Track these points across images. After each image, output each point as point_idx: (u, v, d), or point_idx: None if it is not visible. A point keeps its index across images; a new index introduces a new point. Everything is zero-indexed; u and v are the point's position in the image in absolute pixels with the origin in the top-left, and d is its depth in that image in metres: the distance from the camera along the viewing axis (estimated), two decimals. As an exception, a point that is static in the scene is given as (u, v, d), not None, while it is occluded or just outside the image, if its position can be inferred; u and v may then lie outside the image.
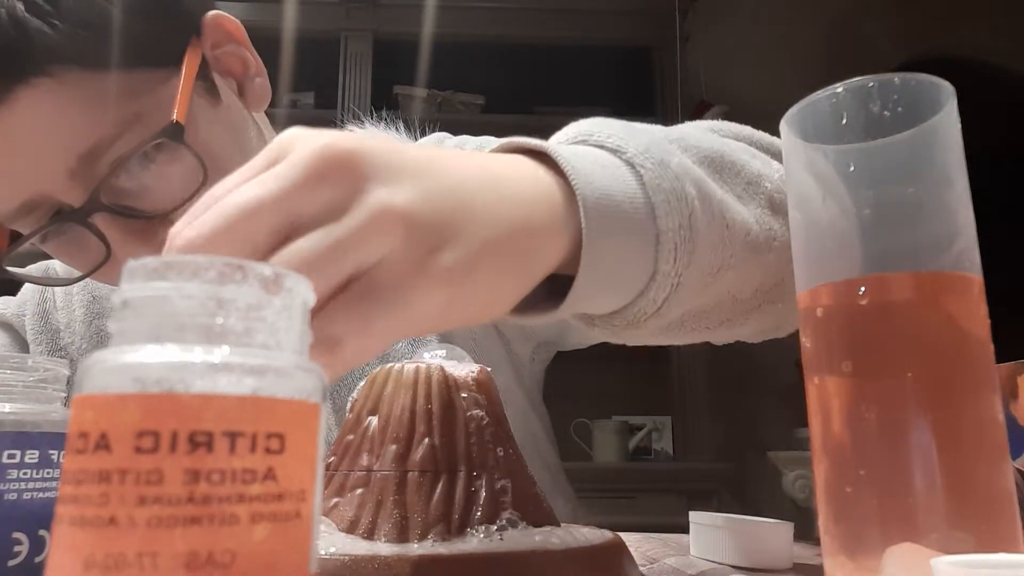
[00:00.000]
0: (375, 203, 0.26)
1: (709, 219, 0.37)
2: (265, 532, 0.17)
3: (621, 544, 0.37)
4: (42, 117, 0.46)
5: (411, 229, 0.27)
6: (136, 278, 0.18)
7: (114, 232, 0.49)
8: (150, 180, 0.50)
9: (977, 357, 0.30)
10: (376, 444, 0.37)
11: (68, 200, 0.49)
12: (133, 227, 0.50)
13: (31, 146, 0.47)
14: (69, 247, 0.52)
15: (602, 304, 0.37)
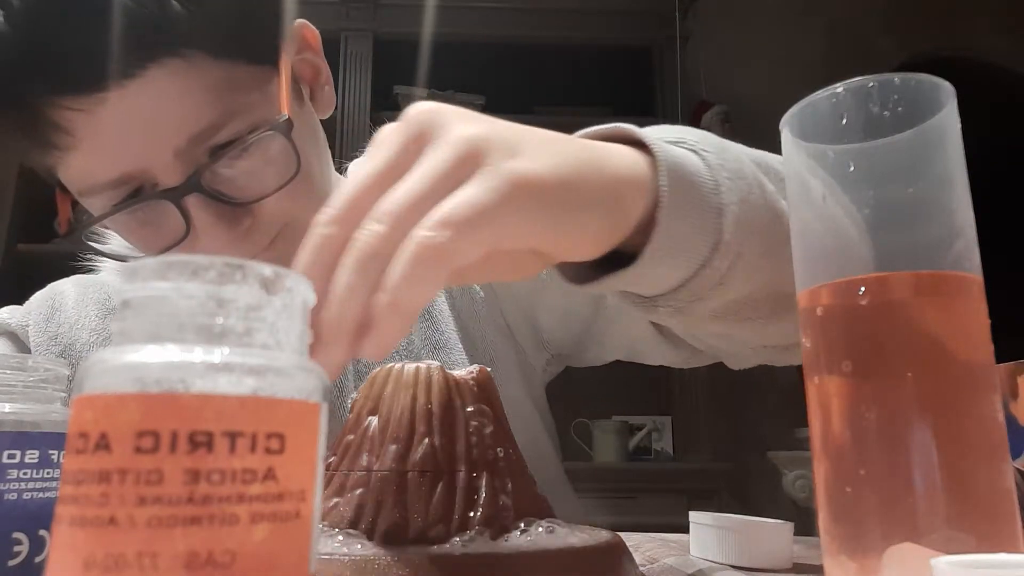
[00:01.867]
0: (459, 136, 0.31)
1: (762, 202, 0.40)
2: (265, 532, 0.17)
3: (621, 544, 0.37)
4: (166, 96, 0.49)
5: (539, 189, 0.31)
6: (137, 278, 0.18)
7: (201, 215, 0.51)
8: (246, 169, 0.52)
9: (977, 357, 0.30)
10: (376, 444, 0.37)
11: (164, 179, 0.50)
12: (220, 212, 0.52)
13: (149, 121, 0.49)
14: (144, 226, 0.54)
15: (669, 274, 0.39)
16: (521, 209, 0.30)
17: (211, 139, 0.51)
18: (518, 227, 0.31)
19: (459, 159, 0.30)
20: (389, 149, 0.31)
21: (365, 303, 0.28)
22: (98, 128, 0.49)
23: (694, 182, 0.38)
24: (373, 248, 0.28)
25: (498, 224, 0.29)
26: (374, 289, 0.28)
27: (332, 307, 0.28)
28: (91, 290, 0.72)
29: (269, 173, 0.53)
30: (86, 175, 0.51)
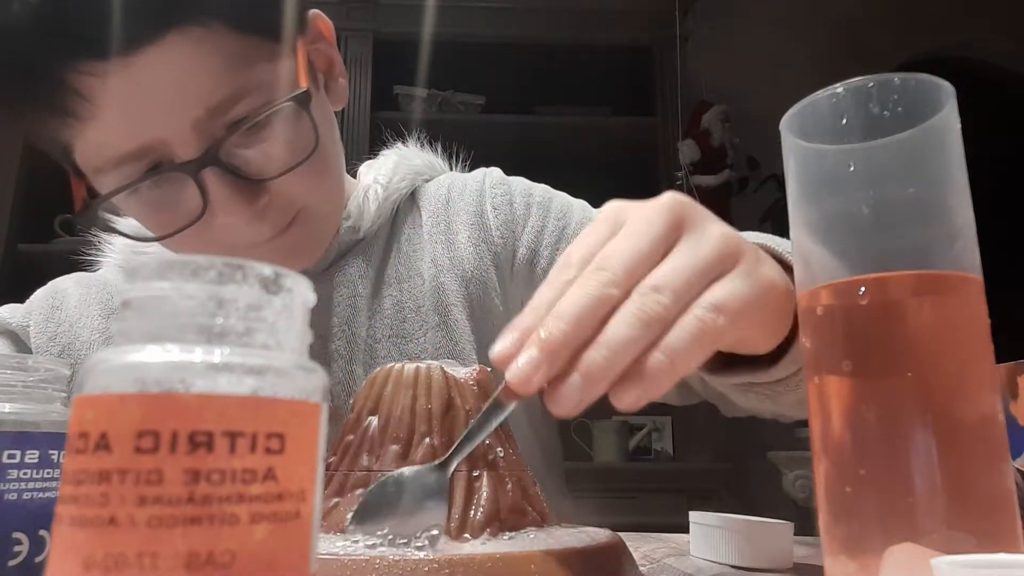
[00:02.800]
0: (719, 233, 0.35)
1: None
2: (265, 532, 0.17)
3: (621, 544, 0.37)
4: (184, 64, 0.49)
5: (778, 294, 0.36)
6: (137, 278, 0.18)
7: (219, 190, 0.51)
8: (264, 144, 0.53)
9: (977, 357, 0.30)
10: (376, 444, 0.37)
11: (182, 152, 0.50)
12: (237, 187, 0.52)
13: (168, 90, 0.49)
14: (160, 205, 0.54)
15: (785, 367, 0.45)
16: (766, 307, 0.35)
17: (229, 112, 0.51)
18: (756, 321, 0.36)
19: (722, 255, 0.34)
20: (655, 228, 0.34)
21: (634, 357, 0.31)
22: (117, 95, 0.49)
23: None
24: (657, 314, 0.31)
25: (751, 317, 0.34)
26: (646, 349, 0.31)
27: (607, 352, 0.31)
28: (93, 289, 0.72)
29: (287, 149, 0.53)
30: (103, 147, 0.51)
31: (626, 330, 0.31)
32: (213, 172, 0.51)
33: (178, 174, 0.51)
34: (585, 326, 0.31)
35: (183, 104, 0.50)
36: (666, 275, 0.32)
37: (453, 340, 0.66)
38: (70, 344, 0.68)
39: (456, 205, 0.71)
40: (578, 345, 0.31)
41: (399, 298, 0.67)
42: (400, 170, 0.72)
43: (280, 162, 0.53)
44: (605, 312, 0.32)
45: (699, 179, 2.08)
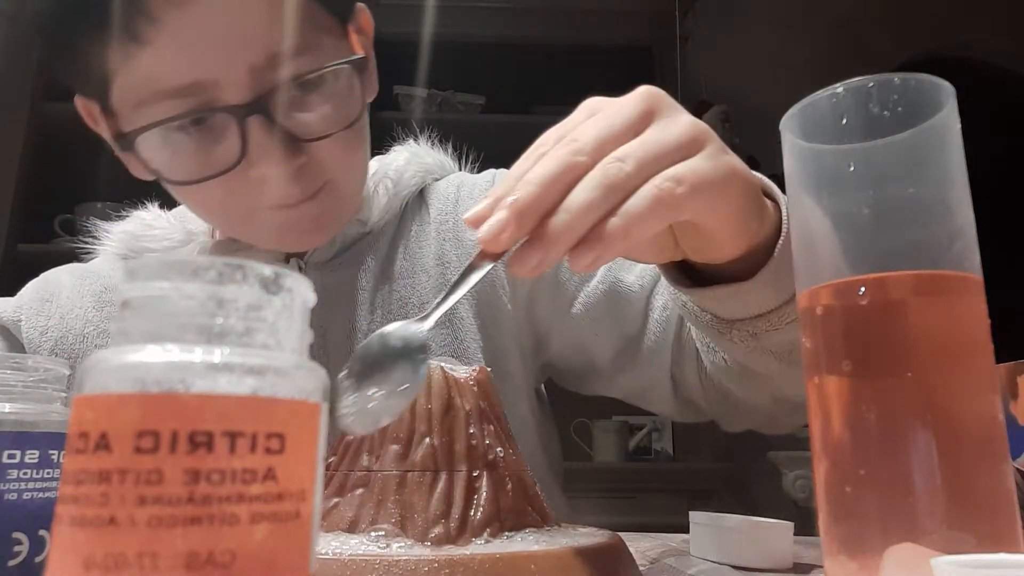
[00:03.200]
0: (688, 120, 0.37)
1: None
2: (265, 532, 0.17)
3: (621, 544, 0.37)
4: (256, 7, 0.51)
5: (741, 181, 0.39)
6: (137, 278, 0.18)
7: (260, 139, 0.52)
8: (312, 104, 0.54)
9: (977, 357, 0.30)
10: (376, 444, 0.37)
11: (231, 96, 0.51)
12: (278, 141, 0.52)
13: (235, 29, 0.51)
14: (196, 146, 0.53)
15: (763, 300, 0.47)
16: (727, 190, 0.38)
17: (284, 65, 0.52)
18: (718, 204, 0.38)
19: (690, 138, 0.36)
20: (627, 111, 0.36)
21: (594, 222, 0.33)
22: (184, 24, 0.50)
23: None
24: (619, 181, 0.33)
25: (710, 195, 0.36)
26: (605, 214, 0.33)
27: (567, 215, 0.33)
28: (88, 279, 0.70)
29: (333, 113, 0.55)
30: (154, 79, 0.51)
31: (586, 194, 0.33)
32: (258, 120, 0.51)
33: (223, 119, 0.52)
34: (552, 191, 0.33)
35: (245, 46, 0.51)
36: (632, 147, 0.35)
37: (458, 338, 0.66)
38: (62, 337, 0.67)
39: (465, 204, 0.71)
40: (545, 208, 0.33)
41: (403, 293, 0.67)
42: (411, 167, 0.72)
43: (324, 125, 0.54)
44: (572, 179, 0.33)
45: (699, 179, 2.08)
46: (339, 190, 0.59)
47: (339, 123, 0.55)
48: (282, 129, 0.52)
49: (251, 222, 0.58)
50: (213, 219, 0.63)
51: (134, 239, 0.70)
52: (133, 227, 0.70)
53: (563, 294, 0.67)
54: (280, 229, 0.59)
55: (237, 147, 0.52)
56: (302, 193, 0.56)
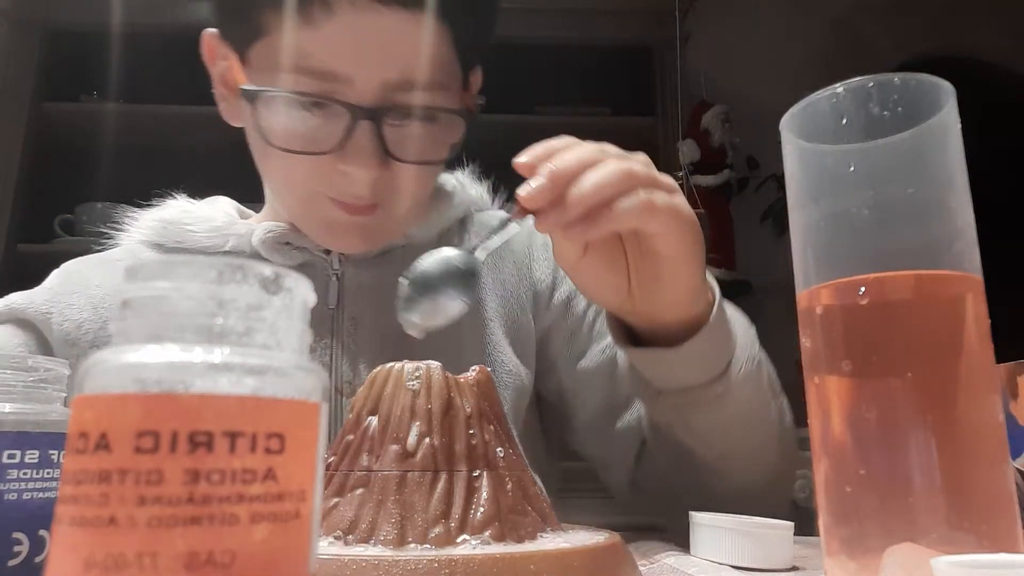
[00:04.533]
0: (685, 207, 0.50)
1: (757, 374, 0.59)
2: (265, 532, 0.17)
3: (621, 544, 0.37)
4: (413, 35, 0.58)
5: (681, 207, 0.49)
6: (137, 278, 0.18)
7: (362, 142, 0.58)
8: (414, 132, 0.60)
9: (977, 357, 0.30)
10: (376, 444, 0.37)
11: (355, 95, 0.58)
12: (373, 148, 0.58)
13: (389, 44, 0.58)
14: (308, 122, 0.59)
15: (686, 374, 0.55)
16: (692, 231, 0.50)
17: (411, 91, 0.59)
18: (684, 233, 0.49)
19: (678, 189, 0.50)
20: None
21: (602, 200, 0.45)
22: (352, 24, 0.56)
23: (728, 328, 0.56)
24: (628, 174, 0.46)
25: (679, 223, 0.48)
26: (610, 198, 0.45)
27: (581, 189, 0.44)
28: (117, 269, 0.69)
29: (427, 147, 0.61)
30: (305, 55, 0.57)
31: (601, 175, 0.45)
32: (367, 125, 0.58)
33: (339, 110, 0.58)
34: (580, 169, 0.45)
35: (388, 62, 0.58)
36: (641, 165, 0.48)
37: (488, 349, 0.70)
38: (100, 328, 0.66)
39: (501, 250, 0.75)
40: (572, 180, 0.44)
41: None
42: (457, 195, 0.76)
43: (416, 153, 0.60)
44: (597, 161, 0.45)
45: (699, 179, 2.08)
46: (394, 212, 0.64)
47: (428, 157, 0.61)
48: (382, 141, 0.58)
49: (311, 207, 0.63)
50: (282, 190, 0.66)
51: (171, 225, 0.71)
52: (169, 214, 0.72)
53: (576, 342, 0.73)
54: (331, 225, 0.64)
55: (339, 138, 0.58)
56: (370, 198, 0.61)
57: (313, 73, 0.57)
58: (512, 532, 0.35)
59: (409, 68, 0.58)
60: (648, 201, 0.45)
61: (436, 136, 0.61)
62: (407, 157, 0.60)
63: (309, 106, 0.58)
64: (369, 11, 0.56)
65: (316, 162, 0.59)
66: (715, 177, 2.12)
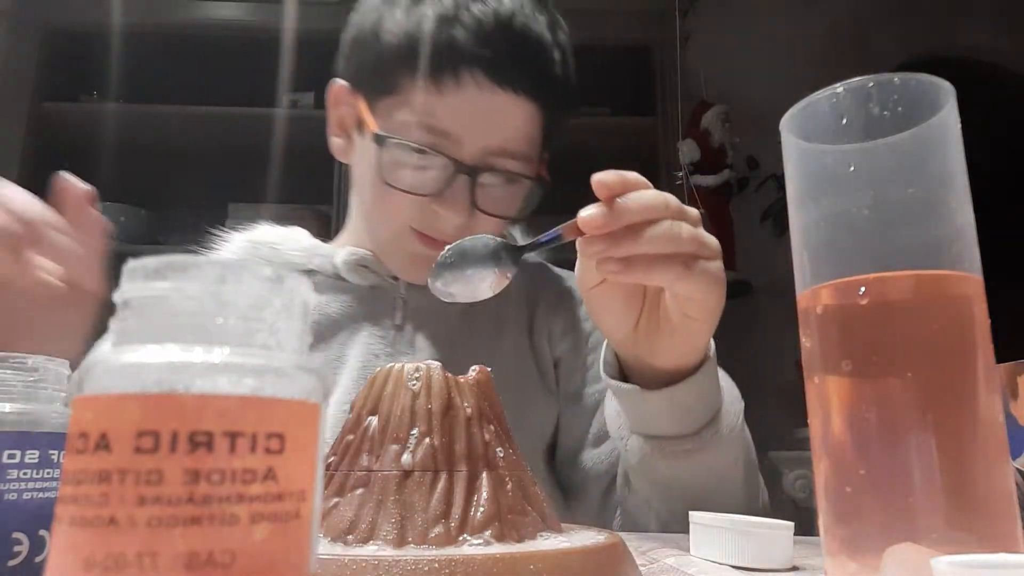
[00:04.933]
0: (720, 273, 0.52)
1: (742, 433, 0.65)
2: (265, 532, 0.17)
3: (621, 544, 0.37)
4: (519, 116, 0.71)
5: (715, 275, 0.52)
6: (137, 278, 0.18)
7: (457, 190, 0.69)
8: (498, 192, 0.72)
9: (977, 357, 0.30)
10: (376, 444, 0.37)
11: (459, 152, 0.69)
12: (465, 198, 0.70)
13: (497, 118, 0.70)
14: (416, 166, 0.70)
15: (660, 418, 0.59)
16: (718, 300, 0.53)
17: (504, 158, 0.71)
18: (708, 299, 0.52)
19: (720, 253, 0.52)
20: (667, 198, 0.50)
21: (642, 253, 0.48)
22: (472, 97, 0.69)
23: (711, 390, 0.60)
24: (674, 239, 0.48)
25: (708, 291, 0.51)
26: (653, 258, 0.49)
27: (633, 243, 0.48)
28: None
29: (506, 205, 0.73)
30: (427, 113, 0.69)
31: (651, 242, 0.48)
32: (464, 179, 0.69)
33: (444, 162, 0.69)
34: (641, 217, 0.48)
35: (494, 132, 0.70)
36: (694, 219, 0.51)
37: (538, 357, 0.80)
38: None
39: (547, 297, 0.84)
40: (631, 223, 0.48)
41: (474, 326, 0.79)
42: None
43: (496, 208, 0.72)
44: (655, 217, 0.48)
45: (699, 179, 2.08)
46: None
47: (504, 212, 0.73)
48: (473, 193, 0.70)
49: (399, 238, 0.74)
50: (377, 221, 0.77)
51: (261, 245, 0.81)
52: (258, 236, 0.83)
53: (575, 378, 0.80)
54: (412, 257, 0.74)
55: (440, 185, 0.69)
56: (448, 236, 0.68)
57: (431, 129, 0.69)
58: (512, 532, 0.35)
59: (507, 139, 0.71)
60: (684, 269, 0.49)
61: (514, 196, 0.74)
62: (489, 210, 0.71)
63: (421, 155, 0.69)
64: (488, 90, 0.69)
65: (416, 201, 0.70)
66: (715, 177, 2.12)
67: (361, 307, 0.78)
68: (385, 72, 0.71)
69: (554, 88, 0.73)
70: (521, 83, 0.70)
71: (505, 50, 0.69)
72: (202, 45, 1.99)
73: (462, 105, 0.69)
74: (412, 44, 0.69)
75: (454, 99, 0.68)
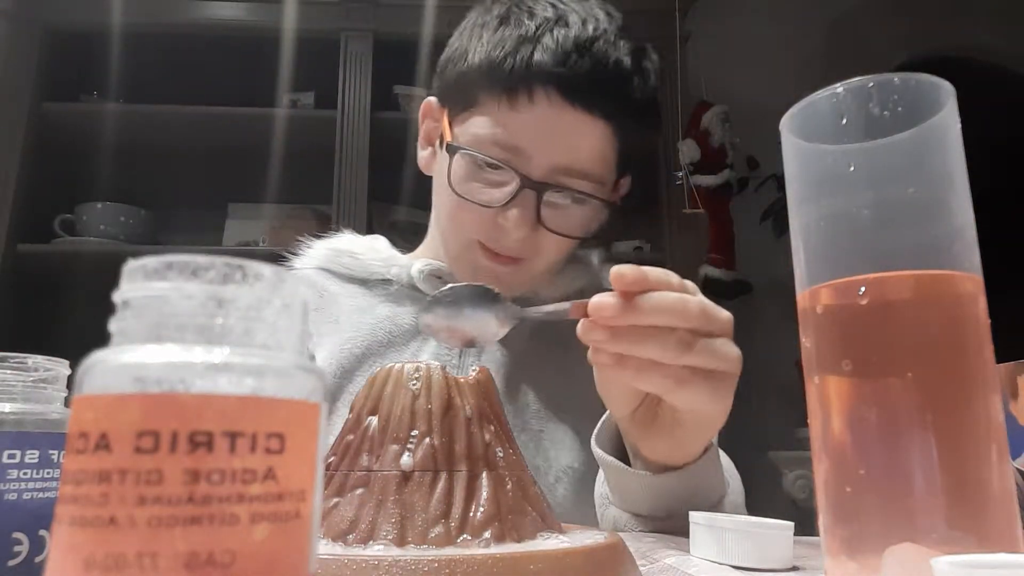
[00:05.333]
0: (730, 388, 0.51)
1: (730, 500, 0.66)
2: (265, 532, 0.17)
3: (621, 544, 0.37)
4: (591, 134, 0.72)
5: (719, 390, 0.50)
6: (136, 278, 0.18)
7: (523, 206, 0.70)
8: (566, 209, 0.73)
9: (977, 357, 0.30)
10: (376, 444, 0.37)
11: (528, 168, 0.70)
12: (530, 213, 0.71)
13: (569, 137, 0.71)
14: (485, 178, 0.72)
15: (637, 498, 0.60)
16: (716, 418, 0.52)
17: (573, 177, 0.71)
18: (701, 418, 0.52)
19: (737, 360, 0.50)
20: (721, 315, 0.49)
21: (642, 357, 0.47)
22: (545, 115, 0.70)
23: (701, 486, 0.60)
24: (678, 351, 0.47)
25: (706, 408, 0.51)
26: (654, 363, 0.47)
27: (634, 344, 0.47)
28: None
29: (574, 223, 0.73)
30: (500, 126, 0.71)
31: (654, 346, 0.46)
32: (531, 194, 0.70)
33: (512, 176, 0.70)
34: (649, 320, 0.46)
35: (563, 151, 0.71)
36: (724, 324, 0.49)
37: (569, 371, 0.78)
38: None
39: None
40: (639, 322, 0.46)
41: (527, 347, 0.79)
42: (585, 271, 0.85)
43: (561, 226, 0.72)
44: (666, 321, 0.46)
45: (699, 179, 2.08)
46: (532, 269, 0.76)
47: (570, 232, 0.74)
48: (538, 209, 0.71)
49: (466, 250, 0.76)
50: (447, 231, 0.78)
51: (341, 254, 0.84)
52: (339, 244, 0.86)
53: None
54: (477, 269, 0.75)
55: (507, 198, 0.70)
56: (515, 252, 0.73)
57: (503, 144, 0.70)
58: (512, 532, 0.35)
59: (578, 158, 0.71)
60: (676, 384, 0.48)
61: (581, 216, 0.74)
62: (554, 228, 0.72)
63: (491, 167, 0.71)
64: (561, 108, 0.70)
65: (482, 212, 0.72)
66: (715, 177, 2.12)
67: None
68: (466, 87, 0.73)
69: (630, 111, 0.73)
70: (594, 103, 0.70)
71: (580, 70, 0.69)
72: (202, 45, 1.99)
73: (534, 121, 0.70)
74: (492, 61, 0.71)
75: (527, 115, 0.70)
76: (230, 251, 1.86)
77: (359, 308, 0.81)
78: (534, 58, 0.69)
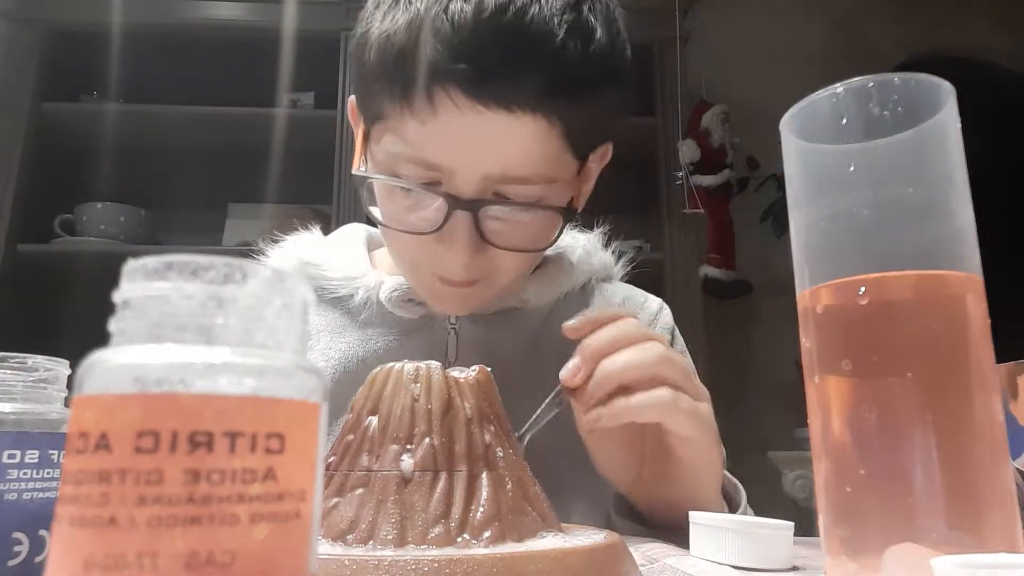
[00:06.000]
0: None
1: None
2: (265, 532, 0.17)
3: (621, 544, 0.37)
4: (516, 135, 0.57)
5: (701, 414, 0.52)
6: (136, 278, 0.18)
7: (458, 227, 0.59)
8: (513, 222, 0.61)
9: (977, 357, 0.30)
10: (376, 444, 0.37)
11: (457, 186, 0.58)
12: (469, 235, 0.60)
13: (490, 143, 0.57)
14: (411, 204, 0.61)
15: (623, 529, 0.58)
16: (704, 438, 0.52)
17: (511, 186, 0.59)
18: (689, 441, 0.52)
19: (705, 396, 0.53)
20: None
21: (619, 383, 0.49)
22: (456, 123, 0.56)
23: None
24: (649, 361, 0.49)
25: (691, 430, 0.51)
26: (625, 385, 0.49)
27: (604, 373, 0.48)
28: None
29: (525, 236, 0.62)
30: (411, 143, 0.58)
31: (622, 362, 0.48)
32: (464, 215, 0.59)
33: (438, 197, 0.59)
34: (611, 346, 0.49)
35: (490, 158, 0.58)
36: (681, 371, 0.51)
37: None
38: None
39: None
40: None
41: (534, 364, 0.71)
42: (583, 265, 0.77)
43: (513, 241, 0.61)
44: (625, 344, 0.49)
45: (699, 179, 2.08)
46: (493, 286, 0.66)
47: (524, 245, 0.62)
48: (479, 229, 0.59)
49: (417, 275, 0.66)
50: (392, 255, 0.70)
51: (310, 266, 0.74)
52: (307, 254, 0.76)
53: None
54: (435, 293, 0.66)
55: (438, 223, 0.59)
56: (466, 276, 0.63)
57: (420, 162, 0.58)
58: (512, 532, 0.35)
59: (511, 164, 0.58)
60: (670, 401, 0.49)
61: (535, 227, 0.62)
62: (503, 244, 0.61)
63: (414, 190, 0.60)
64: (471, 112, 0.56)
65: (419, 240, 0.61)
66: (715, 177, 2.13)
67: (409, 340, 0.71)
68: (368, 94, 0.61)
69: (569, 90, 0.57)
70: (514, 97, 0.55)
71: (486, 58, 0.55)
72: (202, 45, 1.99)
73: (444, 133, 0.57)
74: (383, 59, 0.57)
75: (435, 126, 0.56)
76: (230, 251, 1.86)
77: (330, 329, 0.73)
78: (422, 51, 0.55)
